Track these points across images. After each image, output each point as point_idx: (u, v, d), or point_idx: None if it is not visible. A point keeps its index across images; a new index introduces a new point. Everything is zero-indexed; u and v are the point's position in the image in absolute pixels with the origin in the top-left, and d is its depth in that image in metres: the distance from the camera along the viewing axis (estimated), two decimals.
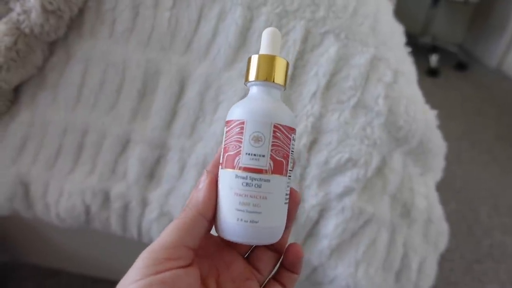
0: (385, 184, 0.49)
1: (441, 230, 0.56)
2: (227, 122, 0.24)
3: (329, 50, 0.47)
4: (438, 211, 0.55)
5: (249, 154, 0.23)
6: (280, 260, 0.26)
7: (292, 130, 0.24)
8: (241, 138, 0.23)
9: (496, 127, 1.58)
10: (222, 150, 0.24)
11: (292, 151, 0.25)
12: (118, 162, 0.52)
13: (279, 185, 0.23)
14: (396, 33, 0.55)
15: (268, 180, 0.23)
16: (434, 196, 0.55)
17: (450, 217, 0.58)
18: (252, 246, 0.27)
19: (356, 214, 0.47)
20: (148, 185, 0.51)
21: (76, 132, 0.52)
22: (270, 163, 0.23)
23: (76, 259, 0.74)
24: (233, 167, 0.23)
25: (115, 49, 0.50)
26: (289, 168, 0.24)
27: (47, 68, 0.52)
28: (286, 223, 0.25)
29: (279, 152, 0.23)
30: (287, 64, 0.26)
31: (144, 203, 0.52)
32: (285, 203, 0.24)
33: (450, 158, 0.57)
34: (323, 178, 0.47)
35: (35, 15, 0.45)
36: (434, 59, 1.98)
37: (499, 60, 2.12)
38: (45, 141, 0.53)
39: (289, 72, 0.47)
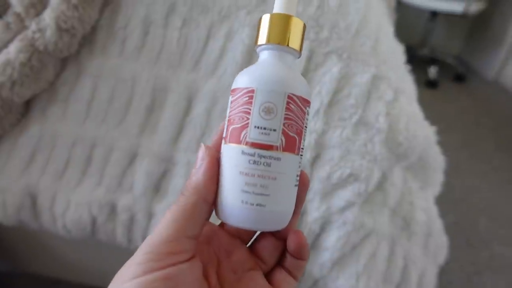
0: (386, 198, 0.50)
1: (441, 243, 0.57)
2: (233, 90, 0.21)
3: (332, 69, 0.48)
4: (437, 224, 0.56)
5: (258, 127, 0.20)
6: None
7: (307, 102, 0.21)
8: (250, 109, 0.20)
9: (494, 138, 1.59)
10: (226, 122, 0.22)
11: (305, 126, 0.22)
12: (125, 175, 0.53)
13: (290, 165, 0.21)
14: (396, 52, 0.57)
15: (279, 159, 0.20)
16: (433, 210, 0.57)
17: (449, 228, 0.59)
18: (256, 232, 0.25)
19: (357, 227, 0.48)
20: (154, 198, 0.53)
21: (85, 145, 0.53)
22: (282, 139, 0.20)
23: (77, 269, 0.74)
24: (239, 142, 0.20)
25: (125, 66, 0.52)
26: (302, 146, 0.21)
27: (58, 83, 0.54)
28: (296, 207, 0.23)
29: (292, 127, 0.20)
30: (304, 26, 0.22)
31: (149, 215, 0.53)
32: (295, 185, 0.21)
33: (449, 169, 0.58)
34: (326, 193, 0.48)
35: (49, 33, 0.47)
36: (432, 71, 2.00)
37: (497, 72, 2.15)
38: (54, 153, 0.54)
39: None
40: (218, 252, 0.23)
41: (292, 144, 0.21)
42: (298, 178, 0.22)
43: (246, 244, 0.24)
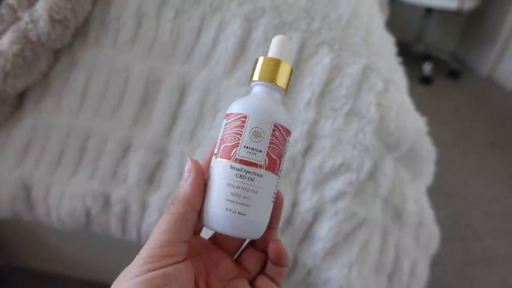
0: (377, 188, 0.50)
1: (432, 233, 0.58)
2: (228, 115, 0.25)
3: (324, 60, 0.49)
4: (429, 215, 0.57)
5: (247, 147, 0.23)
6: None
7: (289, 132, 0.25)
8: (241, 131, 0.24)
9: (488, 134, 1.61)
10: (219, 141, 0.25)
11: (285, 152, 0.25)
12: (119, 166, 0.53)
13: (270, 182, 0.24)
14: (387, 44, 0.58)
15: (261, 175, 0.23)
16: (424, 201, 0.57)
17: (442, 221, 0.60)
18: (241, 247, 0.28)
19: (349, 217, 0.48)
20: (148, 189, 0.53)
21: (79, 137, 0.54)
22: (265, 159, 0.23)
23: (73, 263, 0.74)
24: (229, 158, 0.23)
25: (119, 57, 0.52)
26: (281, 168, 0.25)
27: (51, 74, 0.54)
28: (272, 223, 0.26)
29: (275, 151, 0.24)
30: (291, 70, 0.26)
31: (143, 207, 0.53)
32: (272, 201, 0.25)
33: (443, 164, 0.59)
34: (318, 182, 0.49)
35: (42, 24, 0.47)
36: (427, 67, 2.02)
37: (491, 69, 2.17)
38: (48, 145, 0.54)
39: None
40: (207, 264, 0.26)
41: (273, 165, 0.24)
42: (274, 195, 0.25)
43: (232, 256, 0.27)
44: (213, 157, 0.25)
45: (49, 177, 0.54)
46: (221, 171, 0.23)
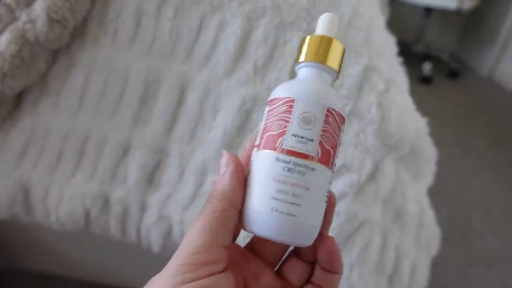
0: (378, 189, 0.50)
1: (433, 234, 0.57)
2: (271, 100, 0.22)
3: None
4: (429, 215, 0.57)
5: (296, 135, 0.20)
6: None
7: (343, 120, 0.22)
8: (289, 117, 0.20)
9: (488, 134, 1.61)
10: (261, 130, 0.21)
11: (339, 143, 0.22)
12: (118, 167, 0.53)
13: (323, 178, 0.20)
14: (388, 44, 0.58)
15: (314, 169, 0.20)
16: (425, 201, 0.57)
17: (442, 222, 0.60)
18: (283, 256, 0.24)
19: (350, 218, 0.48)
20: (147, 190, 0.53)
21: (77, 137, 0.53)
22: (318, 150, 0.20)
23: (72, 264, 0.74)
24: (275, 149, 0.20)
25: (117, 57, 0.51)
26: (335, 162, 0.21)
27: (50, 75, 0.53)
28: (323, 229, 0.22)
29: (328, 140, 0.20)
30: (344, 49, 0.23)
31: (143, 208, 0.53)
32: (325, 201, 0.21)
33: (442, 164, 0.59)
34: None
35: (40, 24, 0.46)
36: (427, 67, 2.02)
37: (491, 69, 2.17)
38: (46, 146, 0.54)
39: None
40: (245, 275, 0.22)
41: (327, 157, 0.20)
42: (328, 194, 0.21)
43: (273, 267, 0.24)
44: (254, 149, 0.21)
45: (48, 178, 0.54)
46: (264, 164, 0.20)
